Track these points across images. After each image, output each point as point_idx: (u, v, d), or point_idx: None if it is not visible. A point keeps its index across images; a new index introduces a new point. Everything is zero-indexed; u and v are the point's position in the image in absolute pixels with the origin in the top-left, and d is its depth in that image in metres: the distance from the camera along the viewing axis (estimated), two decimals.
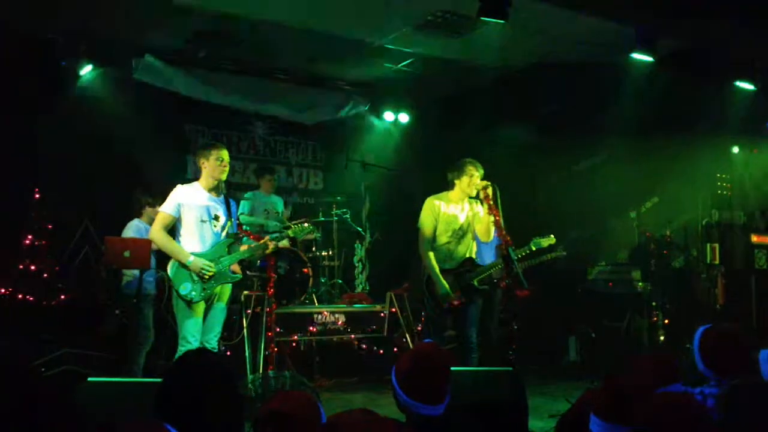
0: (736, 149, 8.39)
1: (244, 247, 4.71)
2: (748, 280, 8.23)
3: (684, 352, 5.85)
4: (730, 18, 5.81)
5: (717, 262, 8.07)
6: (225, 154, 4.63)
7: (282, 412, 2.09)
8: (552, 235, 5.40)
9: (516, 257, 4.95)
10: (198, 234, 4.51)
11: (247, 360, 5.99)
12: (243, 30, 7.16)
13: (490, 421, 3.29)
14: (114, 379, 3.48)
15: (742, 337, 2.95)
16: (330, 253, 7.92)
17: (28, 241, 6.62)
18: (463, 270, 5.24)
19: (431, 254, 5.18)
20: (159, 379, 2.33)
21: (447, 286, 5.10)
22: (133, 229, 5.95)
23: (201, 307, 4.43)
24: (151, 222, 6.17)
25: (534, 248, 5.31)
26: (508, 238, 5.10)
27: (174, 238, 4.55)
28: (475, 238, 5.38)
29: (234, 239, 4.68)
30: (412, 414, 2.52)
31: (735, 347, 2.87)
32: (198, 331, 4.39)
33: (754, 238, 8.36)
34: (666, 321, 7.53)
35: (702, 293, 8.01)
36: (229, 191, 4.90)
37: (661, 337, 7.44)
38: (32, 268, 6.55)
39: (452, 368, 2.65)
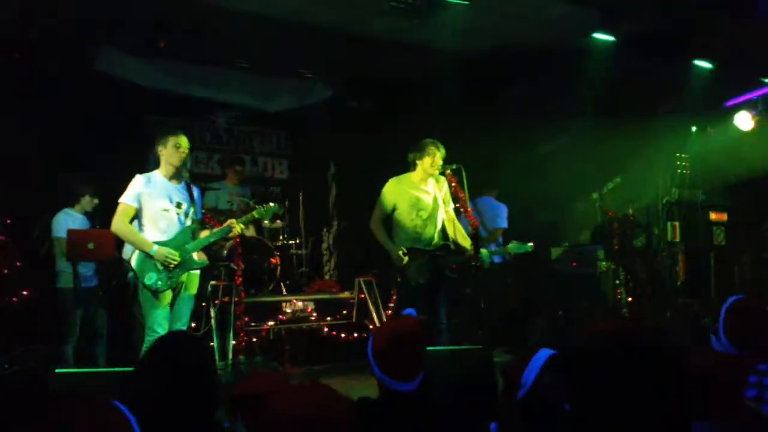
0: (694, 128, 8.57)
1: (206, 232, 4.66)
2: (708, 257, 8.43)
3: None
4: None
5: (678, 239, 8.24)
6: (183, 140, 4.58)
7: (257, 393, 2.09)
8: (531, 244, 5.54)
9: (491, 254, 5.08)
10: (161, 222, 4.46)
11: (216, 350, 5.95)
12: (203, 19, 7.07)
13: (462, 399, 3.34)
14: (82, 370, 3.44)
15: None
16: (297, 241, 7.90)
17: None
18: (438, 255, 5.27)
19: (381, 230, 5.30)
20: (129, 369, 2.29)
21: (394, 248, 5.18)
22: (63, 221, 5.99)
23: (168, 296, 4.39)
24: (83, 212, 6.20)
25: (512, 252, 5.42)
26: (476, 221, 5.18)
27: (137, 228, 4.49)
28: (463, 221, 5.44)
29: (198, 225, 4.63)
30: (386, 389, 2.54)
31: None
32: (165, 321, 4.35)
33: (713, 216, 8.56)
34: (629, 299, 7.68)
35: (663, 271, 8.18)
36: (192, 181, 4.85)
37: (626, 315, 7.58)
38: None
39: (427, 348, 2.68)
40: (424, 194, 5.27)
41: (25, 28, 6.76)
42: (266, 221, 7.47)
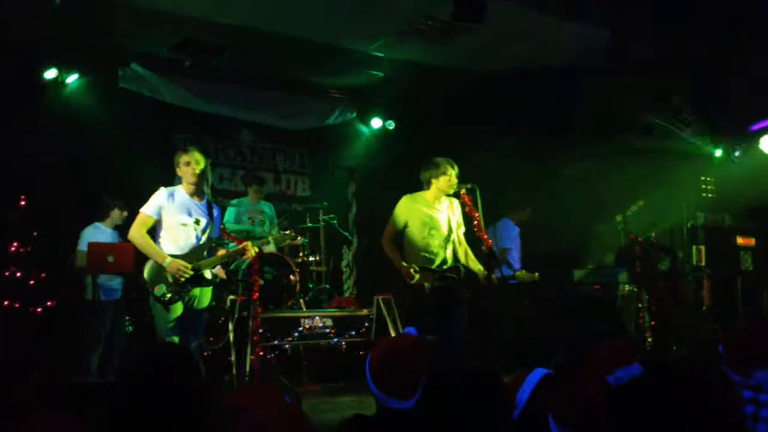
0: (719, 152, 8.45)
1: (222, 252, 4.71)
2: (734, 282, 8.25)
3: None
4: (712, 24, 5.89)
5: (703, 264, 8.10)
6: (193, 155, 4.59)
7: (246, 405, 2.10)
8: (537, 274, 5.54)
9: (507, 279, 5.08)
10: (177, 236, 4.52)
11: (233, 364, 6.00)
12: (229, 38, 7.21)
13: (468, 419, 3.30)
14: (91, 380, 3.50)
15: None
16: (318, 258, 7.95)
17: (13, 248, 6.61)
18: (448, 275, 5.23)
19: (392, 247, 5.18)
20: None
21: (405, 265, 5.04)
22: (91, 235, 6.15)
23: (178, 309, 4.43)
24: (113, 226, 6.34)
25: (518, 277, 5.43)
26: (490, 240, 5.16)
27: (154, 240, 4.56)
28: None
29: (214, 243, 4.69)
30: (381, 406, 2.53)
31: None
32: (175, 333, 4.39)
33: (740, 240, 8.40)
34: (652, 323, 7.55)
35: (688, 295, 8.03)
36: (216, 198, 4.92)
37: (648, 339, 7.46)
38: (18, 275, 6.55)
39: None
40: (437, 213, 5.21)
41: (54, 45, 6.96)
42: None
